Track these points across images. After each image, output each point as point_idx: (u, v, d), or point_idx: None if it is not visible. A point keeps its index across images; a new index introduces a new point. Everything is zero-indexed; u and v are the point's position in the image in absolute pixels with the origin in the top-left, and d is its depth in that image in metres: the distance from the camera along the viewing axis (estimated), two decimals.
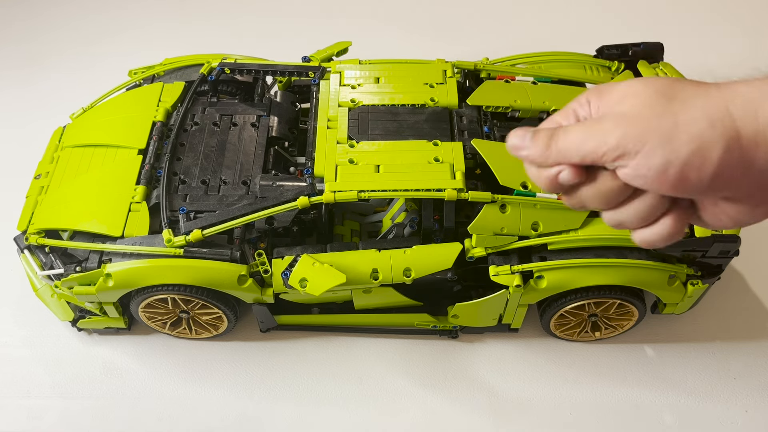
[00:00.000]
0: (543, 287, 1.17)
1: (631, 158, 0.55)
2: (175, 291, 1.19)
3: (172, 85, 1.40)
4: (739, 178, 0.54)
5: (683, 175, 0.53)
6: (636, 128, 0.55)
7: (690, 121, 0.54)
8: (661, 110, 0.55)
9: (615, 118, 0.57)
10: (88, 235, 1.20)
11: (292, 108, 1.40)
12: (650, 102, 0.56)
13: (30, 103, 1.86)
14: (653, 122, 0.55)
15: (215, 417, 1.27)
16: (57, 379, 1.32)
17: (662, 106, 0.56)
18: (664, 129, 0.54)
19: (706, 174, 0.53)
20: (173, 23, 2.10)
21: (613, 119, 0.57)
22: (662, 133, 0.54)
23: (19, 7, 2.15)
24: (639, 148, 0.54)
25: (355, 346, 1.37)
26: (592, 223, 1.15)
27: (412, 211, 1.23)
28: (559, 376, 1.33)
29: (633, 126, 0.55)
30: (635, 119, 0.56)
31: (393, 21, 2.09)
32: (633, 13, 2.10)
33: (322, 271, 1.12)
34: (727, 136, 0.53)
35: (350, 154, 1.17)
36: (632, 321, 1.30)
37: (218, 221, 1.16)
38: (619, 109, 0.57)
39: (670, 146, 0.54)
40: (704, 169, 0.53)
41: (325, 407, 1.29)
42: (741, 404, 1.29)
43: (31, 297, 1.31)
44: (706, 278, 1.20)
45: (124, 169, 1.26)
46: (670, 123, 0.55)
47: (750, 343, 1.38)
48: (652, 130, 0.54)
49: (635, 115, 0.56)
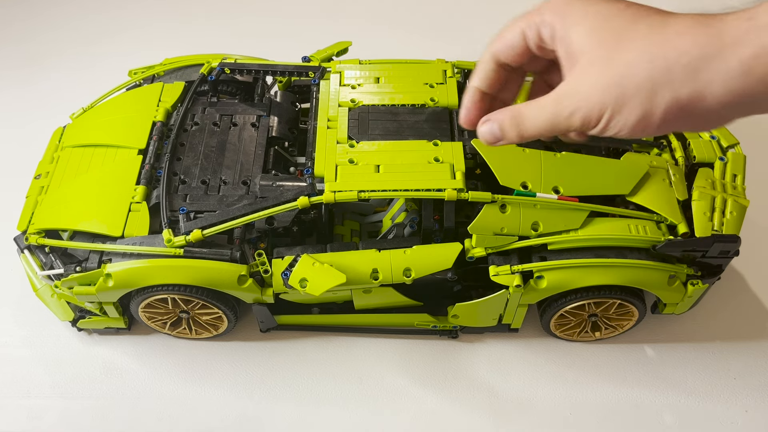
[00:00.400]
0: (543, 287, 1.17)
1: (589, 129, 0.69)
2: (175, 291, 1.19)
3: (172, 85, 1.40)
4: (683, 123, 0.65)
5: (635, 133, 0.66)
6: (590, 102, 0.67)
7: (636, 89, 0.64)
8: (611, 67, 0.65)
9: (569, 95, 0.69)
10: (88, 235, 1.20)
11: (292, 108, 1.40)
12: (603, 44, 0.66)
13: (30, 103, 1.86)
14: (605, 89, 0.66)
15: (215, 417, 1.27)
16: (57, 379, 1.32)
17: (612, 55, 0.65)
18: (615, 98, 0.65)
19: (652, 128, 0.66)
20: (173, 23, 2.10)
21: (568, 98, 0.69)
22: (614, 105, 0.66)
23: (19, 7, 2.15)
24: (594, 123, 0.68)
25: (355, 346, 1.37)
26: (592, 223, 1.16)
27: (412, 211, 1.23)
28: (559, 376, 1.33)
29: (588, 101, 0.67)
30: (589, 88, 0.67)
31: (393, 21, 2.09)
32: None
33: (322, 271, 1.12)
34: (667, 99, 0.63)
35: (350, 154, 1.17)
36: (632, 321, 1.30)
37: (218, 221, 1.16)
38: (573, 50, 0.68)
39: (621, 117, 0.66)
40: (650, 126, 0.65)
41: (325, 407, 1.29)
42: (741, 404, 1.29)
43: (31, 297, 1.31)
44: (706, 278, 1.20)
45: (124, 169, 1.26)
46: (619, 90, 0.65)
47: (750, 343, 1.38)
48: (604, 102, 0.66)
49: (588, 80, 0.67)
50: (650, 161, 1.23)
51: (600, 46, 0.67)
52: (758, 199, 1.36)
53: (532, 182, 1.14)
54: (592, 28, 0.68)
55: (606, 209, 1.16)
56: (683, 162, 1.27)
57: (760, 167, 1.52)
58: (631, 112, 0.65)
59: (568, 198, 1.14)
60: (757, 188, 1.39)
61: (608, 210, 1.16)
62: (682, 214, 1.18)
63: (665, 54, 0.62)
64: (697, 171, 1.25)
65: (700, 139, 1.30)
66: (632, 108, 0.65)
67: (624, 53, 0.65)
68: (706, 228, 1.17)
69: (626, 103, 0.65)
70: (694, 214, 1.18)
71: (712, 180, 1.23)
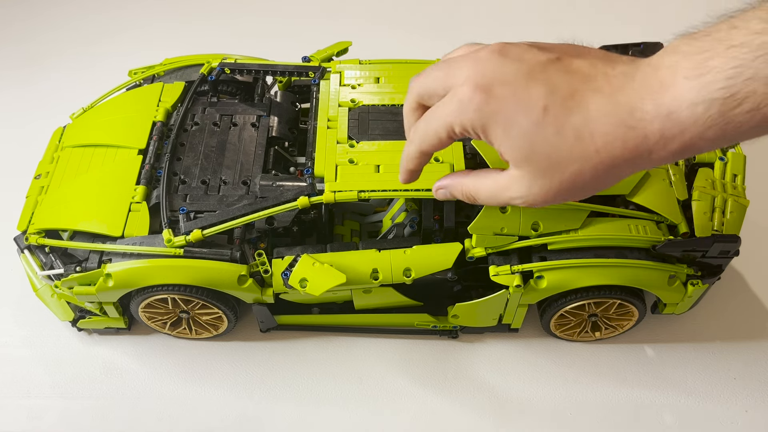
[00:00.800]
0: (543, 287, 1.17)
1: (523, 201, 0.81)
2: (175, 291, 1.19)
3: (172, 85, 1.41)
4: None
5: (564, 199, 0.79)
6: (541, 200, 0.79)
7: (581, 190, 0.77)
8: (554, 182, 0.77)
9: (519, 197, 0.81)
10: (88, 235, 1.20)
11: (292, 108, 1.40)
12: (540, 165, 0.77)
13: (30, 103, 1.86)
14: (555, 196, 0.78)
15: (215, 417, 1.27)
16: (57, 379, 1.32)
17: (552, 174, 0.77)
18: (563, 199, 0.78)
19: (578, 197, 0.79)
20: (173, 23, 2.10)
21: (518, 198, 0.81)
22: (561, 201, 0.79)
23: (19, 7, 2.15)
24: (532, 200, 0.80)
25: (355, 346, 1.37)
26: (592, 223, 1.16)
27: (412, 211, 1.23)
28: (559, 376, 1.33)
29: (537, 200, 0.80)
30: (537, 195, 0.79)
31: (393, 21, 2.09)
32: (633, 13, 2.10)
33: (322, 271, 1.12)
34: (610, 184, 0.76)
35: (350, 154, 1.17)
36: (632, 321, 1.30)
37: (218, 221, 1.16)
38: (510, 123, 0.76)
39: (572, 196, 0.78)
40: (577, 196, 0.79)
41: (325, 407, 1.29)
42: (741, 404, 1.29)
43: (31, 297, 1.31)
44: (706, 278, 1.20)
45: (124, 169, 1.26)
46: (567, 194, 0.78)
47: (750, 343, 1.38)
48: (554, 201, 0.79)
49: (536, 190, 0.79)
50: None
51: (538, 165, 0.77)
52: (758, 199, 1.37)
53: None
54: (521, 148, 0.77)
55: (606, 209, 1.16)
56: (683, 162, 1.27)
57: (760, 167, 1.52)
58: (581, 196, 0.79)
59: None
60: (757, 188, 1.39)
61: (608, 210, 1.16)
62: (682, 214, 1.18)
63: (604, 163, 0.73)
64: (697, 171, 1.25)
65: None
66: (581, 196, 0.79)
67: (566, 168, 0.75)
68: (706, 228, 1.17)
69: (577, 196, 0.79)
70: (694, 214, 1.18)
71: (712, 180, 1.23)
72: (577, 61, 0.75)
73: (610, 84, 0.71)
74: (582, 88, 0.73)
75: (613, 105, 0.70)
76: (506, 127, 0.76)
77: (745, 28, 0.62)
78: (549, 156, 0.75)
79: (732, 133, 0.65)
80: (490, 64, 0.78)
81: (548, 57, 0.76)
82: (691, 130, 0.66)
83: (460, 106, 0.79)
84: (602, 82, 0.72)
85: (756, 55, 0.61)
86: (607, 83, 0.72)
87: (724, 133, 0.65)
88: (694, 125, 0.66)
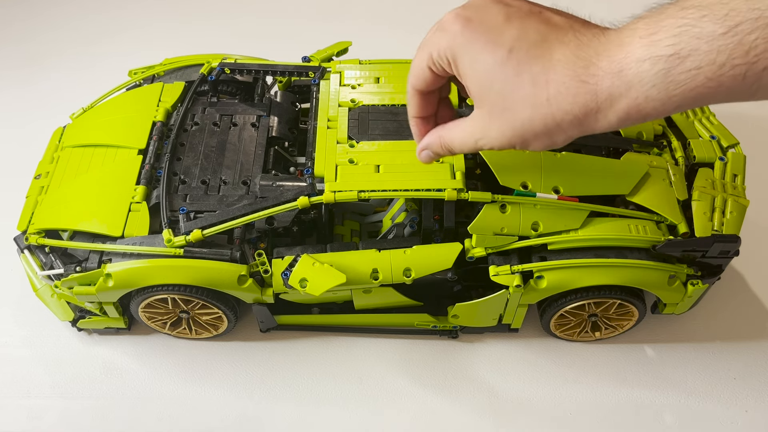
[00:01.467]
0: (543, 287, 1.17)
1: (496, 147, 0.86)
2: (175, 291, 1.19)
3: (172, 85, 1.41)
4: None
5: (521, 144, 0.83)
6: (499, 142, 0.84)
7: (535, 136, 0.80)
8: (510, 123, 0.81)
9: (483, 137, 0.85)
10: (88, 235, 1.20)
11: (292, 108, 1.40)
12: (497, 103, 0.80)
13: (30, 103, 1.86)
14: (510, 138, 0.82)
15: (215, 417, 1.27)
16: (57, 379, 1.32)
17: (507, 114, 0.80)
18: (520, 142, 0.82)
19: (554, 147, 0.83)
20: (173, 23, 2.10)
21: (483, 138, 0.86)
22: (520, 145, 0.83)
23: (19, 7, 2.15)
24: (491, 141, 0.85)
25: (355, 346, 1.37)
26: (592, 223, 1.16)
27: (412, 211, 1.23)
28: (559, 376, 1.33)
29: (497, 141, 0.84)
30: (497, 135, 0.83)
31: (393, 21, 2.09)
32: (633, 13, 2.10)
33: (322, 271, 1.12)
34: (561, 140, 0.80)
35: (350, 154, 1.17)
36: (632, 321, 1.30)
37: (218, 221, 1.16)
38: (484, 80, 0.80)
39: (524, 143, 0.82)
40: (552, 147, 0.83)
41: (325, 407, 1.29)
42: (741, 404, 1.29)
43: (31, 297, 1.31)
44: (706, 278, 1.20)
45: (124, 169, 1.26)
46: (521, 138, 0.81)
47: (750, 343, 1.38)
48: (511, 143, 0.83)
49: (495, 128, 0.83)
50: (650, 161, 1.23)
51: (494, 104, 0.81)
52: (758, 199, 1.37)
53: (532, 182, 1.14)
54: (482, 84, 0.80)
55: (606, 209, 1.16)
56: (683, 162, 1.26)
57: (760, 167, 1.52)
58: (534, 146, 0.83)
59: (568, 198, 1.14)
60: (757, 188, 1.39)
61: (608, 210, 1.16)
62: (682, 214, 1.18)
63: (553, 115, 0.76)
64: (697, 171, 1.25)
65: (700, 139, 1.30)
66: (535, 146, 0.83)
67: (518, 113, 0.79)
68: (706, 228, 1.17)
69: (529, 144, 0.82)
70: (694, 214, 1.18)
71: (712, 180, 1.23)
72: (556, 17, 0.79)
73: (578, 39, 0.75)
74: (551, 38, 0.76)
75: (574, 57, 0.73)
76: (473, 59, 0.80)
77: None
78: (504, 96, 0.79)
79: (674, 92, 0.67)
80: (480, 2, 0.83)
81: (531, 8, 0.81)
82: (636, 88, 0.69)
83: (440, 32, 0.84)
84: (571, 36, 0.75)
85: (702, 15, 0.64)
86: (575, 38, 0.75)
87: (667, 93, 0.67)
88: (639, 83, 0.69)
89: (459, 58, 0.82)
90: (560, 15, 0.80)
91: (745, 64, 0.62)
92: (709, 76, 0.64)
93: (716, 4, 0.63)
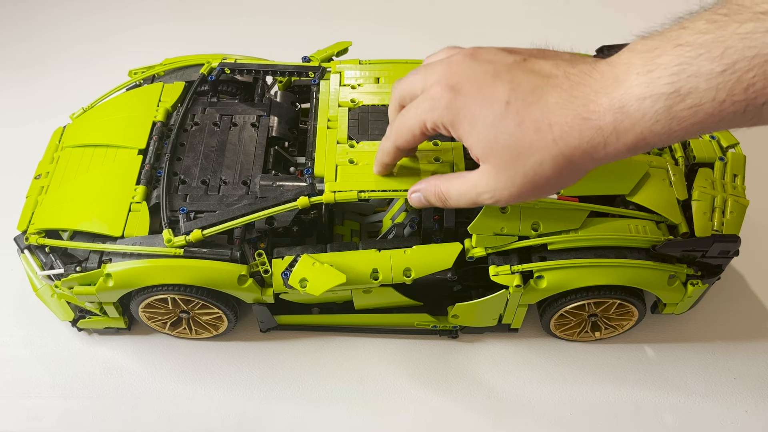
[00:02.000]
0: (543, 287, 1.17)
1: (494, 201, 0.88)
2: (176, 291, 1.19)
3: (172, 85, 1.41)
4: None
5: (529, 195, 0.84)
6: (507, 196, 0.85)
7: (547, 183, 0.81)
8: (519, 172, 0.81)
9: (487, 191, 0.86)
10: (88, 235, 1.20)
11: (292, 108, 1.40)
12: (504, 157, 0.81)
13: (30, 102, 1.86)
14: (520, 189, 0.83)
15: (215, 417, 1.27)
16: (57, 379, 1.32)
17: (516, 165, 0.80)
18: (531, 193, 0.83)
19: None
20: (173, 23, 2.10)
21: (486, 192, 0.86)
22: (530, 196, 0.84)
23: (19, 7, 2.15)
24: (499, 195, 0.86)
25: (355, 346, 1.37)
26: (592, 223, 1.16)
27: (412, 211, 1.23)
28: (559, 376, 1.33)
29: (504, 195, 0.85)
30: (504, 188, 0.84)
31: (393, 21, 2.09)
32: (633, 13, 2.10)
33: (322, 271, 1.12)
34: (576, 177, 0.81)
35: (350, 154, 1.17)
36: (632, 321, 1.30)
37: (218, 221, 1.16)
38: (477, 133, 0.82)
39: (535, 190, 0.82)
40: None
41: (325, 407, 1.29)
42: (741, 404, 1.29)
43: (31, 297, 1.31)
44: (706, 278, 1.20)
45: (124, 169, 1.26)
46: (533, 186, 0.82)
47: (750, 343, 1.38)
48: (521, 196, 0.84)
49: (502, 182, 0.83)
50: (650, 161, 1.23)
51: (501, 157, 0.81)
52: (758, 199, 1.37)
53: None
54: (486, 142, 0.81)
55: (606, 209, 1.16)
56: (683, 162, 1.27)
57: (760, 167, 1.52)
58: (544, 192, 0.84)
59: (568, 198, 1.14)
60: (757, 188, 1.39)
61: (608, 210, 1.16)
62: (682, 214, 1.18)
63: (563, 153, 0.76)
64: (697, 171, 1.25)
65: (699, 139, 1.30)
66: (544, 191, 0.83)
67: (527, 159, 0.79)
68: (706, 228, 1.17)
69: (540, 190, 0.82)
70: (694, 214, 1.19)
71: (712, 180, 1.23)
72: (541, 62, 0.80)
73: (570, 80, 0.76)
74: (543, 84, 0.77)
75: (571, 98, 0.74)
76: (472, 121, 0.81)
77: (692, 28, 0.66)
78: (511, 147, 0.79)
79: (677, 128, 0.68)
80: (461, 66, 0.84)
81: (515, 59, 0.82)
82: (640, 124, 0.70)
83: (432, 103, 0.85)
84: (562, 79, 0.76)
85: (698, 53, 0.64)
86: (567, 79, 0.76)
87: (670, 128, 0.69)
88: (642, 119, 0.70)
89: (457, 124, 0.84)
90: (543, 59, 0.81)
91: (745, 100, 0.63)
92: (709, 111, 0.65)
93: (712, 42, 0.63)
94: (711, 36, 0.64)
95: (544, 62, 0.80)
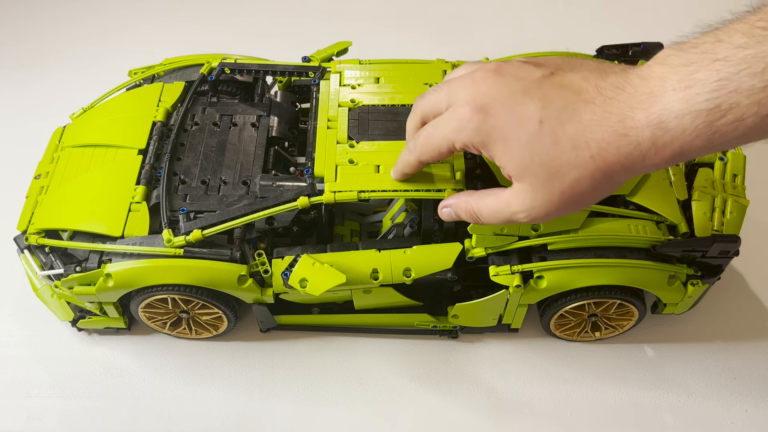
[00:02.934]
0: (543, 287, 1.17)
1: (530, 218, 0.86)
2: (175, 291, 1.19)
3: (172, 85, 1.40)
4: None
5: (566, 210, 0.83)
6: (544, 214, 0.83)
7: (585, 199, 0.81)
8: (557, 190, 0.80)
9: (523, 209, 0.85)
10: (88, 235, 1.20)
11: (292, 108, 1.40)
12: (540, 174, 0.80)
13: (30, 102, 1.86)
14: (558, 206, 0.82)
15: (215, 417, 1.27)
16: (57, 379, 1.32)
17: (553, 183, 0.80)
18: (569, 209, 0.82)
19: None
20: (173, 23, 2.10)
21: (522, 211, 0.85)
22: (568, 211, 0.83)
23: (19, 7, 2.15)
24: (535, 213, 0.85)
25: (355, 346, 1.37)
26: (592, 223, 1.16)
27: (412, 211, 1.23)
28: (559, 376, 1.33)
29: (541, 213, 0.83)
30: (541, 206, 0.83)
31: (393, 21, 2.09)
32: (633, 13, 2.10)
33: (322, 271, 1.12)
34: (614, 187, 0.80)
35: (350, 154, 1.17)
36: (632, 321, 1.30)
37: (218, 221, 1.16)
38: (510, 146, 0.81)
39: (573, 205, 0.82)
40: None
41: (325, 407, 1.29)
42: (741, 404, 1.29)
43: (31, 297, 1.31)
44: (706, 278, 1.20)
45: (124, 169, 1.26)
46: (571, 203, 0.81)
47: (750, 343, 1.38)
48: (558, 212, 0.82)
49: (539, 201, 0.82)
50: None
51: (538, 175, 0.80)
52: (758, 199, 1.37)
53: None
54: (521, 161, 0.80)
55: (606, 209, 1.16)
56: (683, 162, 1.27)
57: (760, 167, 1.52)
58: (581, 209, 0.84)
59: None
60: (757, 188, 1.39)
61: (608, 210, 1.16)
62: (682, 214, 1.18)
63: (600, 169, 0.76)
64: (697, 171, 1.25)
65: None
66: (582, 205, 0.83)
67: (565, 177, 0.78)
68: (706, 228, 1.17)
69: (578, 204, 0.82)
70: (694, 214, 1.19)
71: (712, 180, 1.23)
72: (569, 75, 0.79)
73: (602, 95, 0.75)
74: (575, 99, 0.76)
75: (606, 114, 0.74)
76: (505, 142, 0.80)
77: (729, 42, 0.66)
78: (548, 165, 0.78)
79: (719, 141, 0.68)
80: (486, 85, 0.83)
81: (542, 73, 0.80)
82: (680, 139, 0.70)
83: (460, 124, 0.84)
84: (594, 93, 0.75)
85: (738, 69, 0.64)
86: (599, 94, 0.75)
87: (711, 142, 0.68)
88: (682, 134, 0.69)
89: (490, 145, 0.83)
90: (571, 71, 0.80)
91: None
92: (751, 126, 0.65)
93: (752, 58, 0.63)
94: (751, 51, 0.63)
95: (572, 75, 0.79)
